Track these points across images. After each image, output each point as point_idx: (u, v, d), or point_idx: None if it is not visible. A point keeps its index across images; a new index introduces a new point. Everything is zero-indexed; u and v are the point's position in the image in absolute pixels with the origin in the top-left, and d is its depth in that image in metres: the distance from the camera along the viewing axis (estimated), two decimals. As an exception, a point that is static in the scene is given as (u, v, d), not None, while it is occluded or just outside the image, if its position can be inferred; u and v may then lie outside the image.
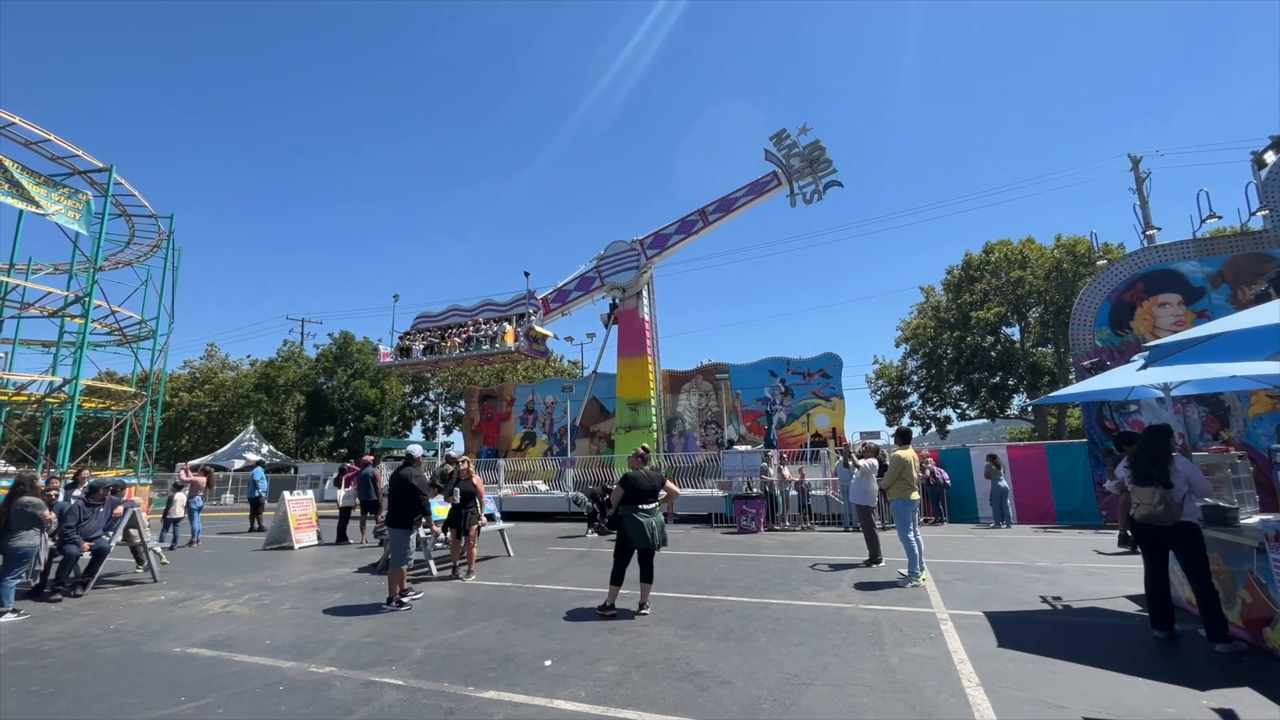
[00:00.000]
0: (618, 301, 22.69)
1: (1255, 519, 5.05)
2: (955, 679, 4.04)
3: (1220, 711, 3.51)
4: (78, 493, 8.19)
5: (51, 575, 7.71)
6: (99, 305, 20.32)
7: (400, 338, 25.63)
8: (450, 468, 9.20)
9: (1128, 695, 3.73)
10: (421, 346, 24.66)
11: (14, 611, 6.44)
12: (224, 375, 44.40)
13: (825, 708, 3.62)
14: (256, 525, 15.05)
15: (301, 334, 46.90)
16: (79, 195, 19.02)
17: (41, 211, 17.68)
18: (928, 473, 13.84)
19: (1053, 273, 30.45)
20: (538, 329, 22.96)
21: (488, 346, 23.17)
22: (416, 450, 6.99)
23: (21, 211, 18.27)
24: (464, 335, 23.88)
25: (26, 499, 6.72)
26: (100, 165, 19.68)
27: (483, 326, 23.76)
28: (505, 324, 23.08)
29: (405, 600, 6.53)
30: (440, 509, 8.68)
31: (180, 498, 12.12)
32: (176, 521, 11.74)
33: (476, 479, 8.65)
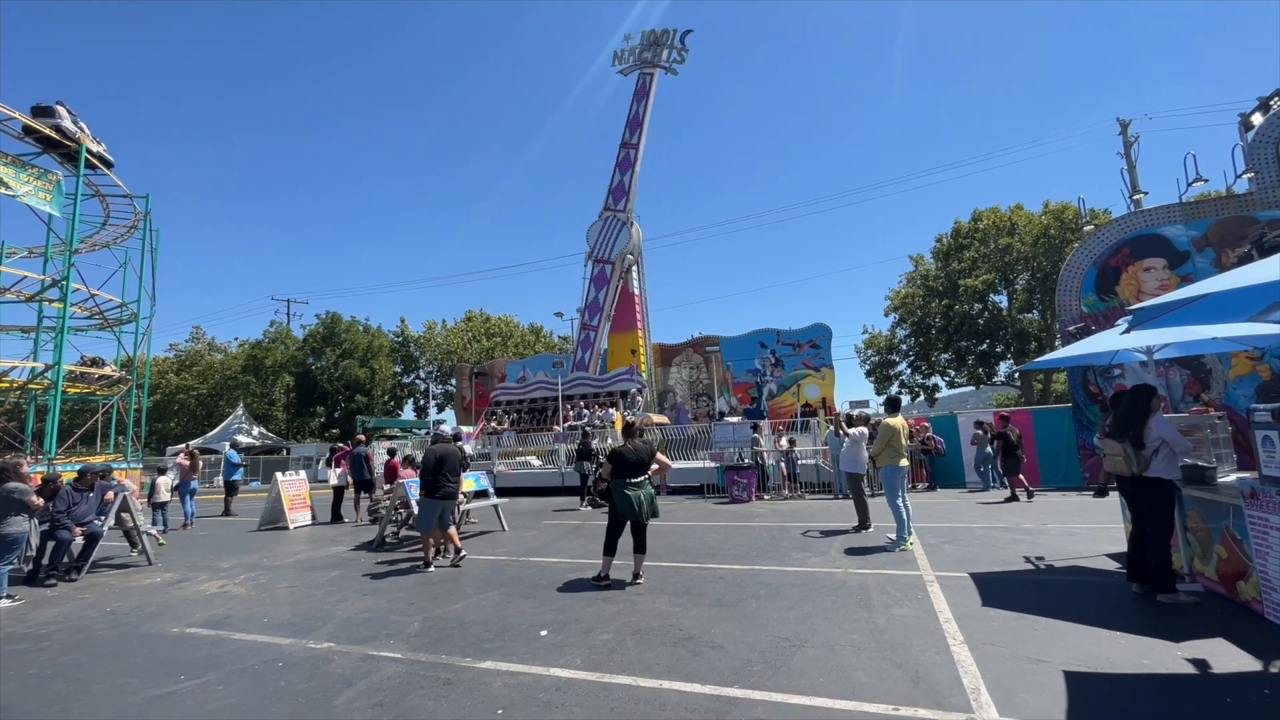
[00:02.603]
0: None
1: (1232, 477, 5.17)
2: (941, 637, 4.16)
3: (1193, 661, 3.64)
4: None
5: (45, 560, 7.70)
6: (77, 289, 19.85)
7: (481, 418, 23.01)
8: (461, 444, 9.24)
9: (1107, 649, 3.86)
10: (513, 434, 21.36)
11: (9, 597, 6.45)
12: (211, 357, 43.92)
13: (814, 668, 3.72)
14: (227, 509, 14.84)
15: (288, 314, 46.37)
16: (49, 175, 18.42)
17: (10, 193, 17.13)
18: (931, 444, 14.06)
19: (1040, 239, 30.55)
20: (654, 418, 20.36)
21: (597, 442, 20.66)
22: (447, 429, 7.45)
23: (-10, 193, 17.70)
24: (566, 422, 20.95)
25: (12, 485, 6.66)
26: (70, 143, 19.04)
27: (585, 412, 20.67)
28: (611, 410, 20.48)
29: (435, 563, 7.29)
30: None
31: (164, 481, 12.04)
32: (163, 505, 11.69)
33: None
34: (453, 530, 7.57)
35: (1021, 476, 11.67)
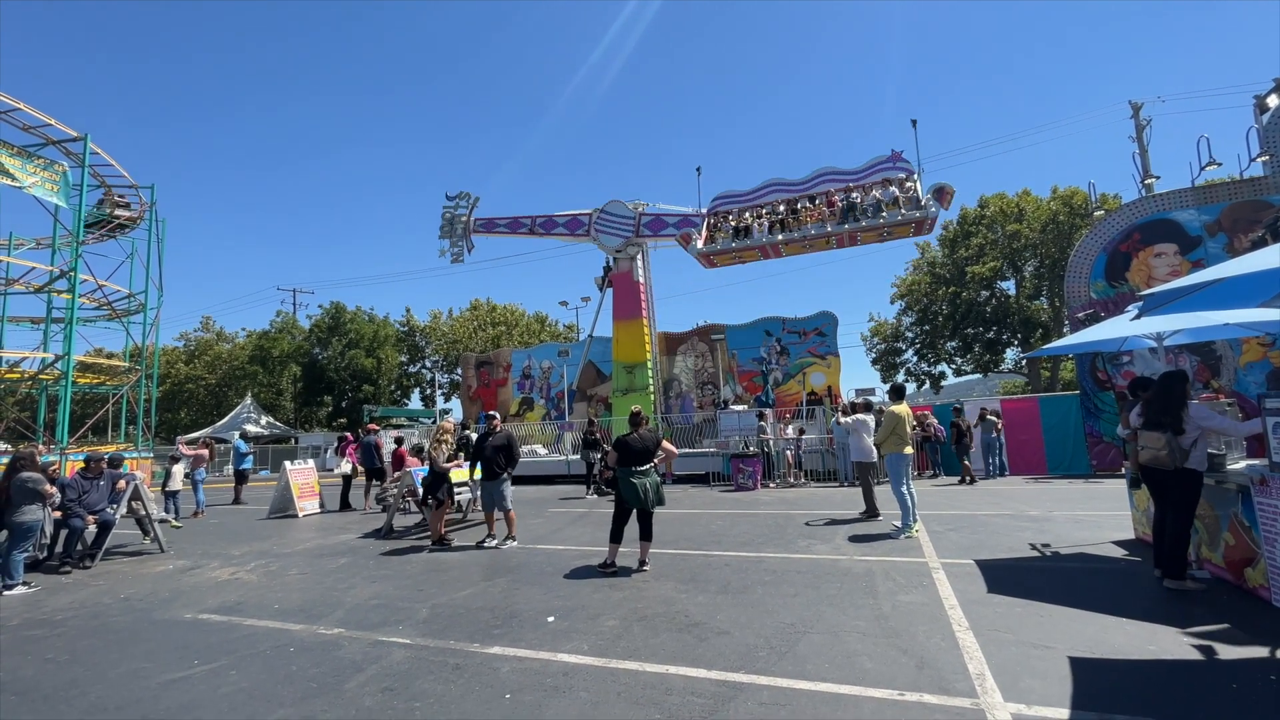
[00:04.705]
0: (611, 264, 22.51)
1: (1242, 464, 5.14)
2: (946, 624, 4.17)
3: (1199, 647, 3.64)
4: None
5: (59, 548, 7.81)
6: (85, 280, 20.01)
7: (709, 218, 20.28)
8: (468, 433, 9.29)
9: (1112, 635, 3.86)
10: (766, 224, 18.67)
11: (24, 584, 6.55)
12: (219, 347, 44.20)
13: (819, 654, 3.74)
14: (238, 498, 14.92)
15: (294, 304, 46.55)
16: (55, 166, 18.50)
17: (17, 184, 17.19)
18: (931, 431, 14.05)
19: (1049, 225, 30.23)
20: (946, 185, 16.98)
21: (887, 215, 16.87)
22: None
23: (-2, 185, 17.78)
24: (831, 204, 17.99)
25: (26, 474, 6.74)
26: (74, 134, 19.06)
27: (853, 194, 17.70)
28: (892, 188, 17.47)
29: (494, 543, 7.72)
30: (459, 473, 8.75)
31: (178, 470, 12.21)
32: (175, 494, 11.85)
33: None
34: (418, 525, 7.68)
35: (967, 462, 12.97)
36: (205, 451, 13.99)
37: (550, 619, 4.66)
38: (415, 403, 46.35)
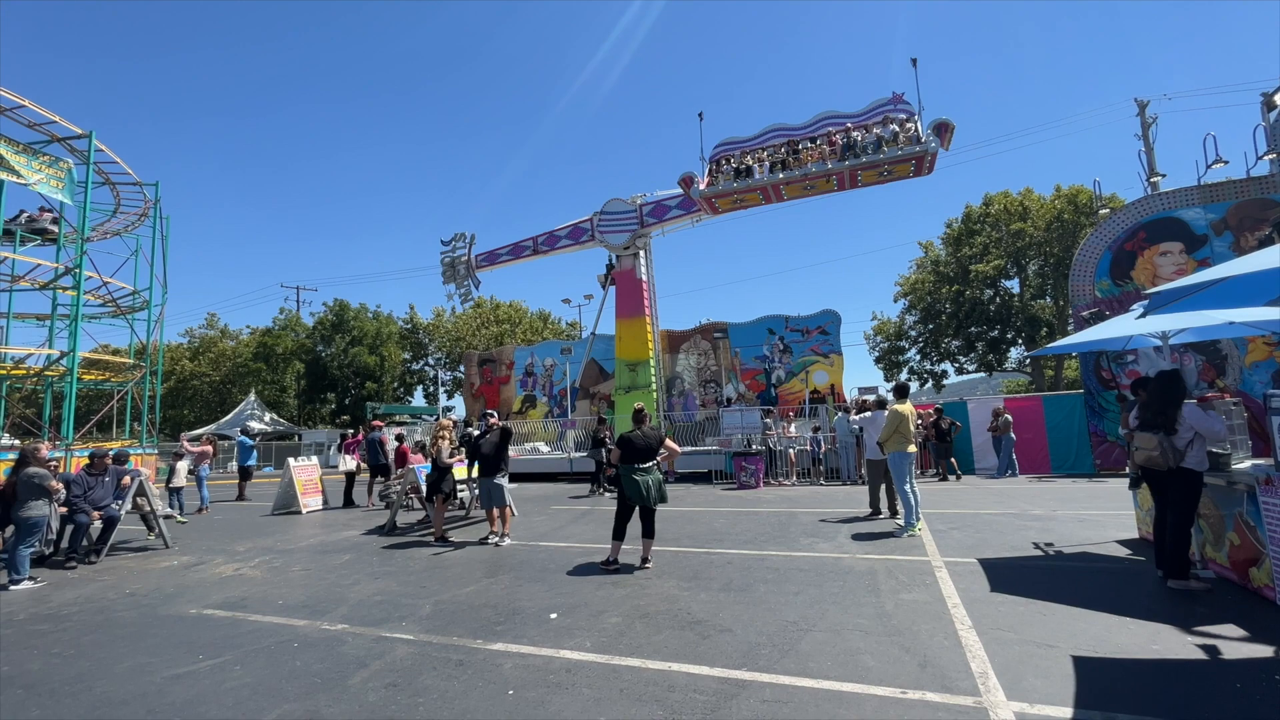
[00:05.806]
0: (614, 262, 22.50)
1: (1247, 464, 5.12)
2: (949, 622, 4.17)
3: (1203, 646, 3.63)
4: None
5: (64, 544, 7.85)
6: (90, 277, 20.07)
7: (711, 164, 19.80)
8: (470, 430, 9.30)
9: (1116, 634, 3.86)
10: (767, 164, 18.50)
11: (31, 579, 6.58)
12: (223, 344, 44.34)
13: (822, 652, 3.74)
14: (241, 494, 14.99)
15: (297, 302, 46.60)
16: (60, 163, 18.53)
17: (23, 181, 17.23)
18: (933, 430, 14.04)
19: (1053, 224, 30.10)
20: (947, 120, 16.35)
21: (886, 151, 16.53)
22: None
23: (2, 182, 17.84)
24: (831, 143, 17.77)
25: (32, 470, 6.77)
26: (79, 131, 19.09)
27: (854, 133, 17.48)
28: (892, 126, 17.14)
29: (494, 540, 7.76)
30: (460, 469, 8.75)
31: (182, 466, 12.26)
32: (180, 490, 11.91)
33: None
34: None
35: (954, 460, 13.56)
36: (209, 448, 14.06)
37: (553, 616, 4.67)
38: (418, 400, 46.46)
